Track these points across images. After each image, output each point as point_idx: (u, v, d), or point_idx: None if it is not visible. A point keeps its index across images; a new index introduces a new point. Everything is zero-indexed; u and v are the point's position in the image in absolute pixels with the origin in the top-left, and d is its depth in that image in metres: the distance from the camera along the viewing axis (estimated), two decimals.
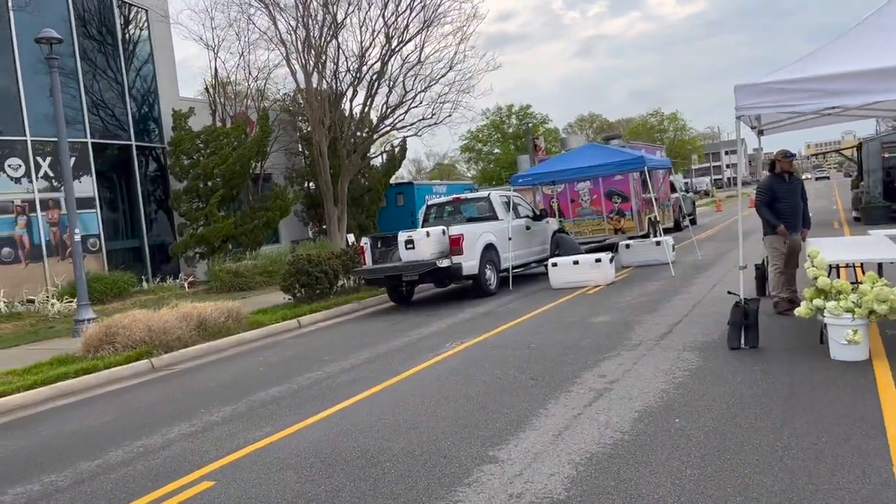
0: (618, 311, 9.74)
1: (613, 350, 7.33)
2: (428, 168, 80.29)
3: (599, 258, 13.00)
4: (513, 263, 14.28)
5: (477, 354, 7.99)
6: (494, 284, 13.54)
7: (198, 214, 20.26)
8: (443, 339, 9.33)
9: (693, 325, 8.12)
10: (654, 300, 10.38)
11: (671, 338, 7.59)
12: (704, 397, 5.43)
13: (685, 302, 9.85)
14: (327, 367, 8.35)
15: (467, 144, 65.64)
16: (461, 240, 12.67)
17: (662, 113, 76.76)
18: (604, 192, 20.62)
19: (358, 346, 9.58)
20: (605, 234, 20.72)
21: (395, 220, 27.09)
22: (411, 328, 10.68)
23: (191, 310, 11.29)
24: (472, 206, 15.15)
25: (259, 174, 23.27)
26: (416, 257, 12.64)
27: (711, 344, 7.14)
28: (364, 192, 26.66)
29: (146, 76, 21.45)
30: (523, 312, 10.75)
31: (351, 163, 23.19)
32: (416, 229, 12.85)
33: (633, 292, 11.50)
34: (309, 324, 12.79)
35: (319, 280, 14.03)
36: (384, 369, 7.80)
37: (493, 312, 11.21)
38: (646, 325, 8.51)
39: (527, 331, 9.13)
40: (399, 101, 22.90)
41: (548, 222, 16.39)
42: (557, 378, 6.46)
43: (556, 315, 10.15)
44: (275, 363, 9.17)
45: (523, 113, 63.40)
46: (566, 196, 21.00)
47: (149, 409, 7.37)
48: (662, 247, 15.51)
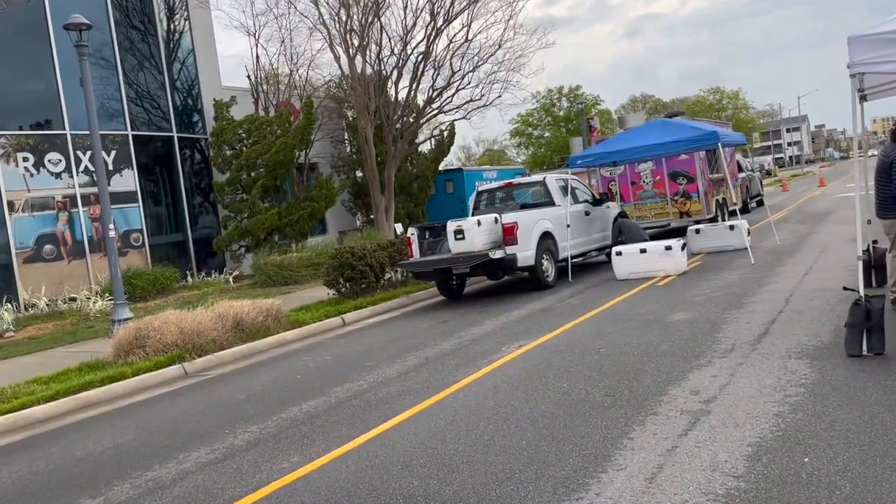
0: (697, 307, 8.56)
1: (702, 357, 6.19)
2: (477, 154, 79.20)
3: (670, 245, 11.77)
4: (572, 253, 13.15)
5: (538, 361, 6.95)
6: (552, 276, 12.44)
7: (241, 206, 19.66)
8: (498, 340, 8.32)
9: (793, 325, 6.90)
10: (737, 293, 9.14)
11: (770, 341, 6.40)
12: (835, 425, 4.28)
13: (775, 295, 8.59)
14: (369, 376, 7.43)
15: (517, 129, 64.34)
16: (515, 228, 11.60)
17: (723, 90, 73.70)
18: (667, 173, 19.20)
19: (404, 349, 8.65)
20: (669, 219, 19.33)
21: (444, 208, 26.14)
22: (462, 327, 9.69)
23: (227, 309, 10.54)
24: (527, 191, 14.04)
25: (304, 163, 22.57)
26: (467, 248, 11.63)
27: (823, 349, 5.94)
28: (412, 180, 25.77)
29: (188, 65, 20.90)
30: (587, 309, 9.65)
31: (397, 149, 22.29)
32: (467, 218, 11.84)
33: (710, 284, 10.26)
34: (354, 321, 11.94)
35: (364, 274, 13.16)
36: (432, 380, 6.83)
37: (553, 309, 10.13)
38: (734, 324, 7.32)
39: (593, 331, 8.03)
40: (446, 84, 21.86)
41: (608, 207, 15.16)
42: (638, 394, 5.38)
43: (624, 312, 9.02)
44: (313, 369, 8.30)
45: (573, 95, 61.68)
46: (626, 178, 19.65)
47: (170, 426, 6.57)
48: (737, 231, 14.13)
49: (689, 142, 12.20)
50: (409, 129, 22.84)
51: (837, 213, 19.94)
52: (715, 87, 79.37)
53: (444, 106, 22.37)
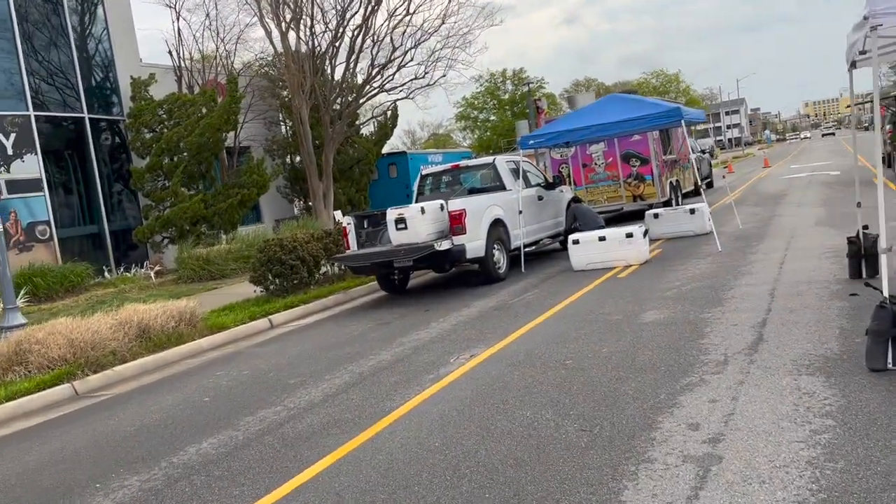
0: (671, 305, 7.52)
1: (690, 372, 5.12)
2: (423, 139, 77.95)
3: (631, 232, 10.76)
4: (525, 241, 12.04)
5: (492, 378, 5.78)
6: (505, 268, 11.31)
7: (163, 195, 17.96)
8: (445, 349, 7.13)
9: (789, 329, 5.89)
10: (712, 286, 8.15)
11: (768, 350, 5.37)
12: (892, 478, 3.22)
13: (757, 289, 7.62)
14: (290, 399, 6.14)
15: (463, 112, 63.25)
16: (463, 216, 10.41)
17: (665, 72, 73.93)
18: (620, 155, 18.28)
19: (335, 361, 7.38)
20: (622, 202, 18.44)
21: (388, 194, 24.84)
22: (405, 330, 8.47)
23: (130, 315, 9.07)
24: (475, 174, 12.86)
25: (234, 147, 20.92)
26: (410, 239, 10.39)
27: (835, 361, 4.92)
28: (353, 164, 24.36)
29: (101, 39, 18.96)
30: (544, 306, 8.54)
31: (335, 131, 20.84)
32: (409, 205, 10.59)
33: (678, 275, 9.26)
34: (283, 323, 10.59)
35: (296, 269, 11.79)
36: (364, 406, 5.59)
37: (507, 306, 8.99)
38: (719, 326, 6.29)
39: (555, 336, 6.91)
40: (387, 61, 20.47)
41: (562, 191, 14.11)
42: (622, 429, 4.26)
43: (588, 310, 7.93)
44: (226, 389, 6.96)
45: (517, 78, 60.86)
46: (578, 160, 18.66)
47: (27, 477, 5.18)
48: (698, 215, 13.26)
49: (652, 118, 11.18)
50: (348, 110, 21.38)
51: (792, 194, 19.40)
52: (658, 70, 79.59)
53: (385, 84, 20.98)
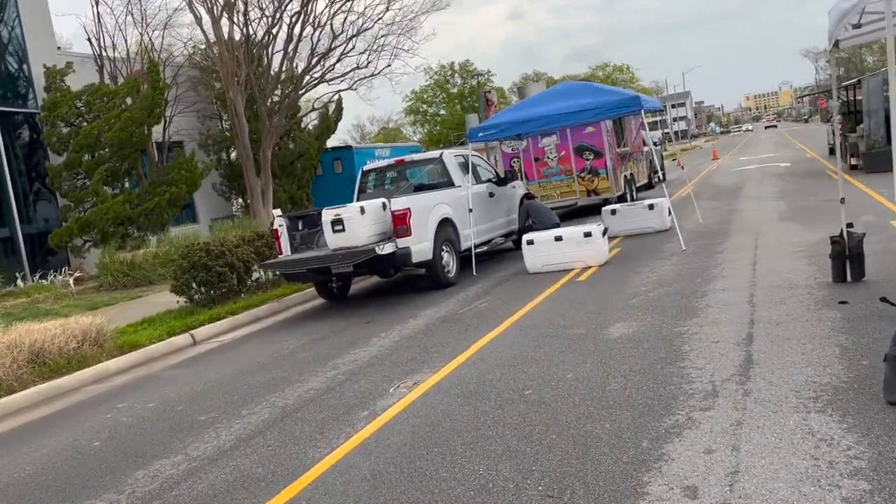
0: (639, 315, 6.68)
1: (674, 408, 4.26)
2: (372, 133, 76.66)
3: (589, 231, 9.94)
4: (475, 241, 11.13)
5: (438, 415, 4.83)
6: (454, 271, 10.38)
7: (83, 195, 16.47)
8: (384, 373, 6.15)
9: (780, 347, 5.09)
10: (682, 293, 7.36)
11: (762, 376, 4.55)
12: None
13: (733, 296, 6.84)
14: (197, 443, 5.09)
15: (411, 106, 62.18)
16: (408, 216, 9.43)
17: (612, 64, 74.10)
18: (573, 148, 17.55)
19: (258, 389, 6.33)
20: (576, 197, 17.72)
21: (333, 191, 23.63)
22: (341, 348, 7.46)
23: (21, 336, 7.83)
24: (421, 170, 11.88)
25: (163, 142, 19.49)
26: (349, 242, 9.36)
27: (843, 390, 4.12)
28: (294, 160, 23.10)
29: (9, 24, 17.30)
30: (498, 317, 7.63)
31: (273, 124, 19.59)
32: (346, 205, 9.55)
33: (643, 278, 8.47)
34: (207, 338, 9.46)
35: (224, 276, 10.64)
36: (283, 455, 4.58)
37: (456, 317, 8.05)
38: (699, 343, 5.47)
39: (512, 356, 6.00)
40: (328, 49, 19.29)
41: (514, 187, 13.25)
42: (598, 494, 3.36)
43: (547, 322, 7.05)
44: (123, 428, 5.85)
45: (465, 71, 60.03)
46: (529, 154, 17.86)
47: None
48: (657, 210, 12.57)
49: (612, 107, 10.36)
50: (286, 102, 20.13)
51: (747, 187, 18.99)
52: (603, 63, 79.78)
53: (326, 75, 19.79)
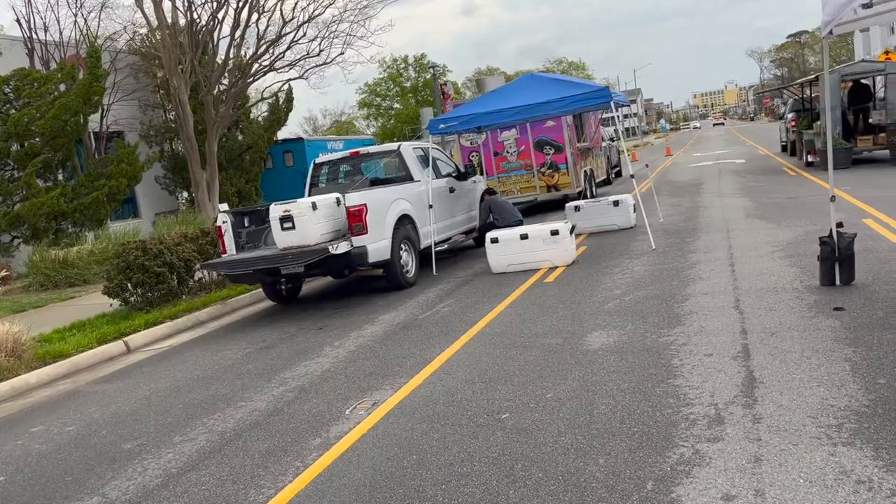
0: (618, 322, 6.15)
1: (677, 438, 3.70)
2: (325, 126, 75.40)
3: (556, 229, 9.40)
4: (436, 239, 10.51)
5: (402, 445, 4.20)
6: (413, 272, 9.74)
7: (12, 187, 15.29)
8: (339, 391, 5.48)
9: (783, 361, 4.59)
10: (661, 296, 6.86)
11: (769, 397, 4.03)
12: None
13: (716, 301, 6.36)
14: (117, 480, 4.34)
15: (365, 99, 61.12)
16: (364, 212, 8.74)
17: (567, 61, 74.27)
18: (533, 142, 17.05)
19: (193, 410, 5.59)
20: (536, 193, 17.23)
21: (283, 184, 22.76)
22: (291, 359, 6.75)
23: None
24: (377, 163, 11.19)
25: (101, 132, 18.31)
26: (299, 241, 8.63)
27: (868, 416, 3.62)
28: (243, 152, 22.14)
29: None
30: (465, 322, 7.02)
31: (220, 115, 18.61)
32: (297, 200, 8.81)
33: (615, 280, 7.96)
34: (142, 346, 8.64)
35: (162, 277, 9.79)
36: (219, 498, 3.88)
37: (417, 323, 7.41)
38: (690, 356, 4.94)
39: (482, 370, 5.39)
40: (277, 37, 18.38)
41: (475, 182, 12.67)
42: None
43: (517, 329, 6.46)
44: (33, 461, 5.05)
45: (419, 64, 59.26)
46: (489, 148, 17.30)
47: None
48: (622, 207, 12.13)
49: (579, 99, 9.82)
50: (234, 91, 19.15)
51: (707, 183, 18.78)
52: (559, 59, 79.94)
53: (275, 63, 18.86)
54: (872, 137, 18.02)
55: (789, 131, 24.26)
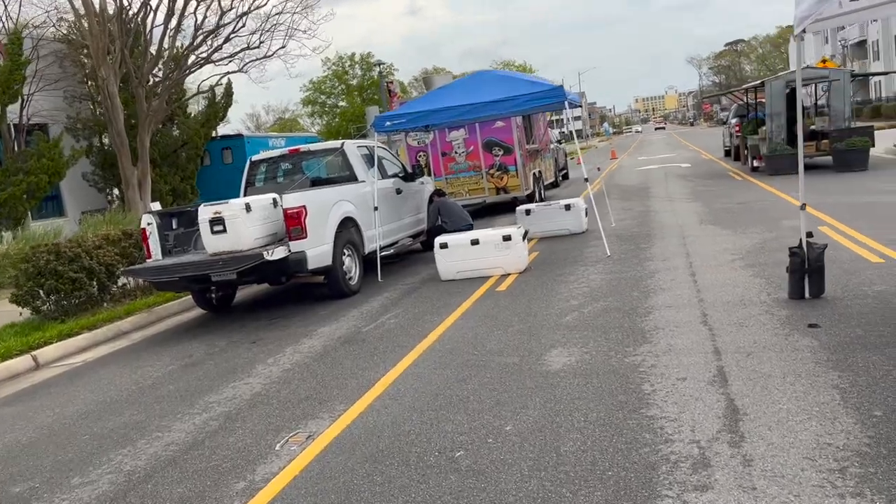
0: (578, 338, 5.67)
1: (658, 484, 3.21)
2: (268, 123, 73.79)
3: (509, 235, 8.91)
4: (381, 244, 9.90)
5: (341, 492, 3.60)
6: (357, 278, 9.12)
7: None
8: (271, 420, 4.84)
9: (764, 387, 4.17)
10: (621, 309, 6.42)
11: (757, 432, 3.59)
12: None
13: (682, 315, 5.95)
14: None
15: (309, 97, 59.82)
16: (303, 214, 8.08)
17: (515, 63, 74.43)
18: (482, 143, 16.60)
19: (103, 441, 4.87)
20: (484, 195, 16.78)
21: (221, 182, 21.71)
22: (219, 378, 6.07)
23: None
24: (319, 161, 10.52)
25: (21, 124, 17.05)
26: (232, 245, 7.91)
27: (870, 456, 3.20)
28: (178, 147, 21.05)
29: None
30: (412, 337, 6.45)
31: (152, 108, 17.57)
32: (229, 201, 8.08)
33: (572, 290, 7.50)
34: (54, 360, 7.80)
35: (79, 283, 8.92)
36: None
37: (361, 336, 6.80)
38: (662, 380, 4.48)
39: (432, 395, 4.83)
40: (215, 27, 17.44)
41: (423, 183, 12.11)
42: None
43: (470, 345, 5.93)
44: None
45: (365, 62, 58.35)
46: (437, 148, 16.76)
47: None
48: (574, 212, 11.75)
49: (534, 98, 9.34)
50: (167, 83, 18.11)
51: (655, 187, 18.66)
52: (505, 61, 79.93)
53: (212, 55, 17.91)
54: (815, 144, 18.19)
55: (733, 136, 24.46)
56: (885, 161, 17.74)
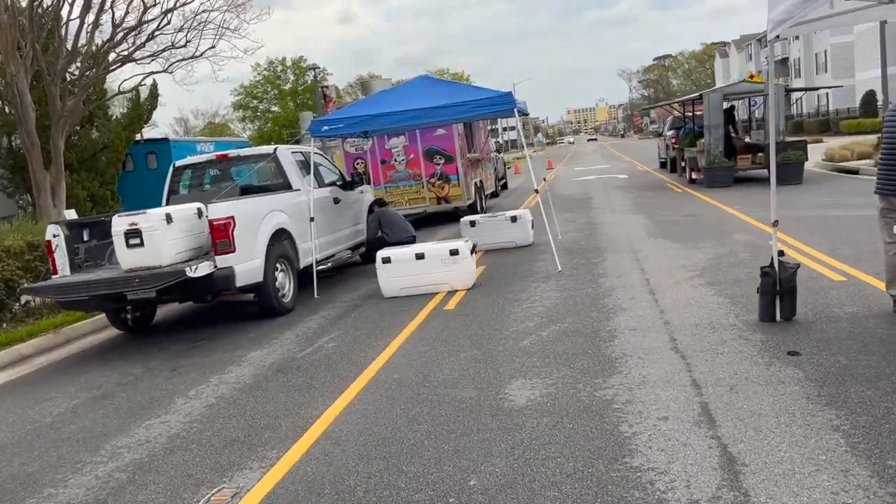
0: (541, 368, 5.14)
1: None
2: (198, 128, 71.58)
3: (456, 249, 8.36)
4: (318, 257, 9.21)
5: None
6: (291, 295, 8.39)
7: None
8: (190, 469, 4.12)
9: (758, 429, 3.73)
10: (582, 332, 5.94)
11: (763, 488, 3.11)
12: None
13: (650, 340, 5.50)
14: None
15: (241, 101, 58.09)
16: (230, 226, 7.32)
17: (450, 72, 74.39)
18: (422, 151, 16.05)
19: None
20: (425, 205, 16.23)
21: (145, 188, 20.42)
22: (130, 416, 5.28)
23: None
24: (250, 168, 9.74)
25: None
26: (150, 261, 7.09)
27: None
28: (98, 151, 19.71)
29: None
30: (354, 364, 5.81)
31: (68, 108, 16.29)
32: (147, 211, 7.25)
33: (526, 310, 6.99)
34: None
35: None
36: None
37: (296, 364, 6.11)
38: (640, 419, 3.99)
39: (381, 439, 4.21)
40: (138, 22, 16.34)
41: (362, 192, 11.46)
42: None
43: (421, 375, 5.32)
44: None
45: (298, 67, 57.13)
46: (375, 156, 16.12)
47: None
48: (520, 223, 11.31)
49: (483, 104, 8.81)
50: (84, 81, 16.88)
51: (596, 198, 18.50)
52: (441, 69, 79.87)
53: (133, 53, 16.78)
54: (751, 157, 18.40)
55: (669, 148, 24.66)
56: (817, 175, 18.05)
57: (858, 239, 8.64)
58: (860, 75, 42.94)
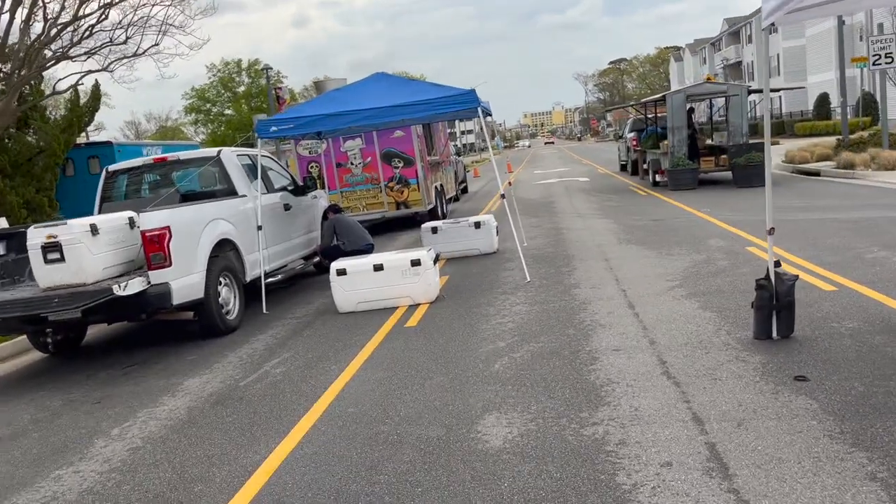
0: (515, 396, 4.52)
1: None
2: (150, 132, 69.56)
3: (418, 259, 7.71)
4: (267, 269, 8.46)
5: None
6: (237, 312, 7.63)
7: None
8: None
9: (779, 479, 3.17)
10: (558, 352, 5.35)
11: None
12: None
13: (637, 363, 4.93)
14: None
15: (192, 104, 56.48)
16: (166, 238, 6.54)
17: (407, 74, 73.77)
18: (380, 154, 15.36)
19: None
20: (383, 210, 15.53)
21: (86, 195, 19.18)
22: (36, 465, 4.50)
23: None
24: (191, 172, 8.93)
25: None
26: (72, 278, 6.27)
27: None
28: (34, 155, 18.53)
29: None
30: (304, 395, 5.11)
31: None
32: (68, 222, 6.43)
33: (495, 327, 6.38)
34: None
35: None
36: None
37: (237, 394, 5.38)
38: (640, 466, 3.40)
39: (335, 490, 3.54)
40: (73, 17, 15.30)
41: (316, 197, 10.73)
42: None
43: (381, 407, 4.66)
44: None
45: (253, 70, 55.85)
46: (331, 159, 15.37)
47: None
48: (485, 230, 10.72)
49: (447, 103, 8.16)
50: (15, 81, 15.76)
51: (558, 202, 18.03)
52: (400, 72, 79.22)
53: (68, 50, 15.72)
54: (714, 158, 18.15)
55: (630, 150, 24.41)
56: (779, 177, 17.89)
57: (836, 244, 8.28)
58: (812, 78, 43.62)
